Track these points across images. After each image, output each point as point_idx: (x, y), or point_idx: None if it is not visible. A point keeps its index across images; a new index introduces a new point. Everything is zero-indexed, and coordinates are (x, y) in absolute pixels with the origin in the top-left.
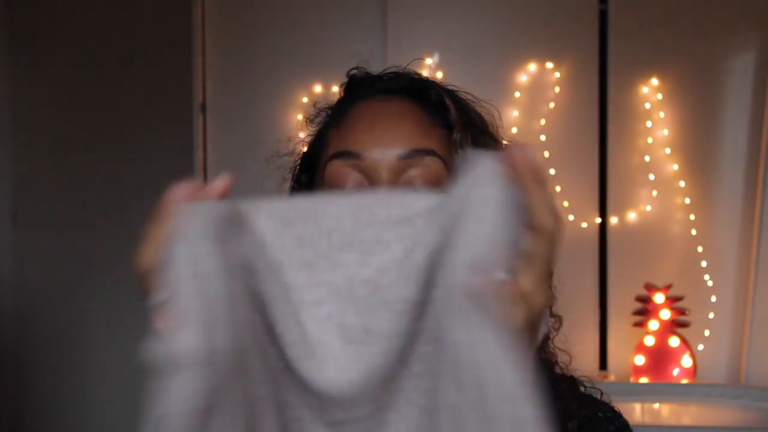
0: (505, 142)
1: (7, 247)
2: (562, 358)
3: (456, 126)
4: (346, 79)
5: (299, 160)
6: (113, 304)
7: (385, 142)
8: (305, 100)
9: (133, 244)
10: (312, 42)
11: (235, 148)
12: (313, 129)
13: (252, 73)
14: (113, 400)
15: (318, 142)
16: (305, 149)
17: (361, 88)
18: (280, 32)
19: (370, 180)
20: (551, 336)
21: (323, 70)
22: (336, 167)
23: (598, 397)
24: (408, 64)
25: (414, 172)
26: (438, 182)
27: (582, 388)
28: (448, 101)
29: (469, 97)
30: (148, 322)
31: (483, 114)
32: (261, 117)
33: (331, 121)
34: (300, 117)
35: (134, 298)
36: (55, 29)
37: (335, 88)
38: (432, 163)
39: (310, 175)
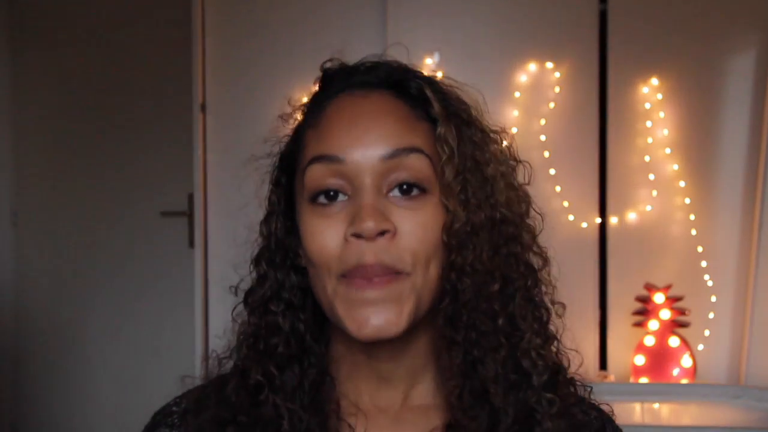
0: (493, 127)
1: (7, 247)
2: (565, 358)
3: (440, 119)
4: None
5: (277, 162)
6: (113, 304)
7: (367, 143)
8: (305, 100)
9: (132, 244)
10: (312, 42)
11: (235, 148)
12: (289, 128)
13: (252, 73)
14: (113, 400)
15: (295, 142)
16: (283, 150)
17: (337, 81)
18: (280, 32)
19: (353, 186)
20: (560, 331)
21: (327, 59)
22: (316, 171)
23: (586, 394)
24: (384, 52)
25: (399, 173)
26: (424, 181)
27: (572, 389)
28: (429, 93)
29: (452, 83)
30: (146, 322)
31: (468, 102)
32: (261, 117)
33: (308, 118)
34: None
35: (133, 297)
36: (56, 30)
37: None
38: (417, 161)
39: (289, 176)
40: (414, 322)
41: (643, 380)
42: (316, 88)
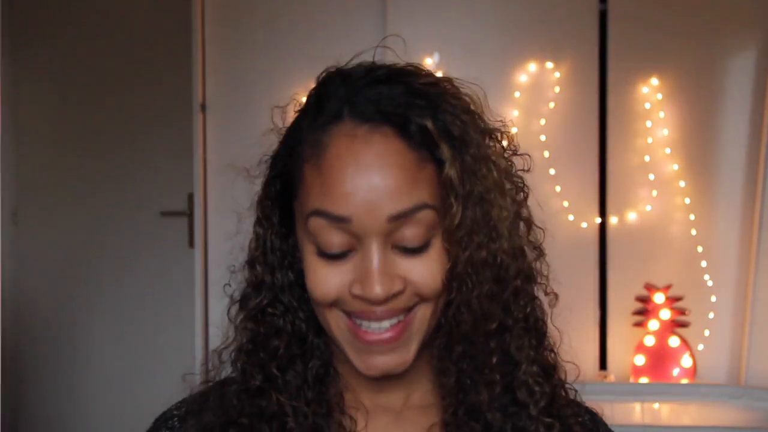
0: (495, 124)
1: (7, 247)
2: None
3: (446, 162)
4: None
5: (270, 167)
6: (113, 304)
7: (373, 205)
8: (304, 100)
9: (132, 244)
10: (312, 42)
11: (235, 148)
12: (283, 129)
13: (252, 73)
14: (113, 400)
15: (291, 157)
16: (275, 155)
17: (334, 101)
18: (280, 32)
19: (359, 241)
20: (556, 330)
21: (323, 69)
22: (321, 224)
23: (573, 396)
24: (380, 45)
25: (406, 230)
26: (430, 232)
27: (563, 392)
28: (434, 131)
29: (454, 83)
30: (147, 322)
31: (472, 107)
32: (261, 117)
33: (305, 146)
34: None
35: (133, 297)
36: (56, 30)
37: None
38: (424, 217)
39: (283, 181)
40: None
41: (643, 380)
42: (310, 97)
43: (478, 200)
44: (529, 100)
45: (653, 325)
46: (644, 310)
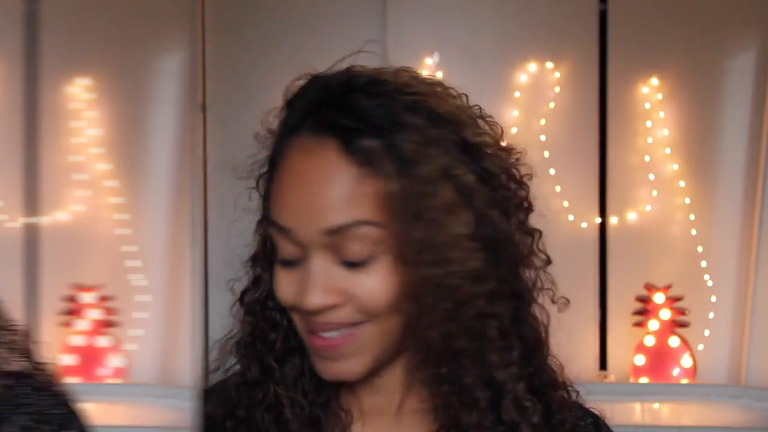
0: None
1: None
2: (554, 363)
3: (390, 179)
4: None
5: (266, 168)
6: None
7: (312, 218)
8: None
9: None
10: (312, 41)
11: (235, 148)
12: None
13: (252, 73)
14: None
15: (270, 169)
16: (269, 155)
17: (297, 112)
18: (280, 32)
19: (304, 253)
20: (548, 323)
21: (323, 70)
22: (274, 232)
23: (575, 397)
24: (359, 49)
25: (346, 245)
26: (374, 248)
27: (564, 393)
28: (376, 145)
29: (442, 87)
30: None
31: (460, 115)
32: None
33: (274, 154)
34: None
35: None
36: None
37: None
38: (366, 233)
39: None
40: (381, 363)
41: (643, 380)
42: (283, 107)
43: (425, 221)
44: (529, 100)
45: (653, 325)
46: (644, 310)
